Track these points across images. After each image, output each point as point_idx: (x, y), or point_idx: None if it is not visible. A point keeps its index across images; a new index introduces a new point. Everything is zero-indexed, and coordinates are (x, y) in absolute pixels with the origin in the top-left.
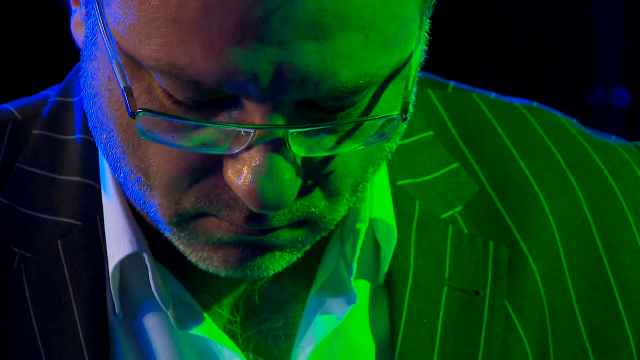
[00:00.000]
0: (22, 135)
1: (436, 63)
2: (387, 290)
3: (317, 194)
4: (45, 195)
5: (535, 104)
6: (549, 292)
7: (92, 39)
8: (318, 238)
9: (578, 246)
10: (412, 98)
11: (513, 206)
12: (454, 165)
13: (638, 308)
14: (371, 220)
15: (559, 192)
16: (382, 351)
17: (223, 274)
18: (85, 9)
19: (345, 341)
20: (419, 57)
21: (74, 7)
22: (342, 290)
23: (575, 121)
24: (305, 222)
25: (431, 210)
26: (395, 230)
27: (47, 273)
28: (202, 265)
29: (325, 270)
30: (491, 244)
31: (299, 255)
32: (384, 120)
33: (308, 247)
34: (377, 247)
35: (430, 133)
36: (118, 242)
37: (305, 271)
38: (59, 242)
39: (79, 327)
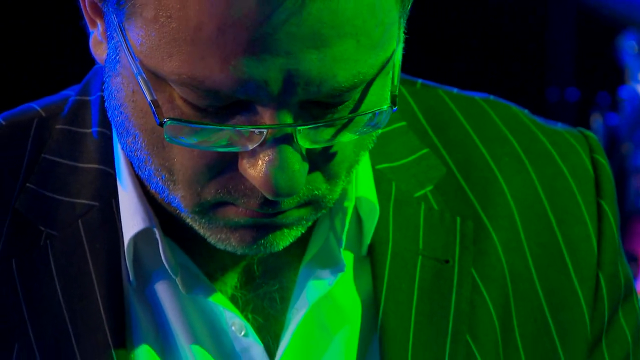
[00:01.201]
0: (46, 130)
1: (408, 62)
2: (370, 260)
3: (319, 177)
4: (67, 180)
5: (492, 97)
6: (509, 260)
7: (115, 57)
8: (319, 214)
9: (533, 219)
10: (397, 91)
11: (476, 186)
12: (424, 151)
13: (586, 272)
14: (356, 199)
15: (514, 173)
16: (366, 312)
17: (239, 251)
18: (107, 32)
19: (333, 303)
20: (399, 54)
21: (91, 29)
22: (331, 260)
23: (526, 111)
24: (310, 203)
25: (406, 189)
26: (378, 207)
27: (70, 247)
28: (221, 245)
29: (316, 242)
30: (458, 219)
31: (303, 231)
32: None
33: (310, 223)
34: (359, 222)
35: (403, 123)
36: (131, 219)
37: (297, 243)
38: (79, 220)
39: (98, 294)
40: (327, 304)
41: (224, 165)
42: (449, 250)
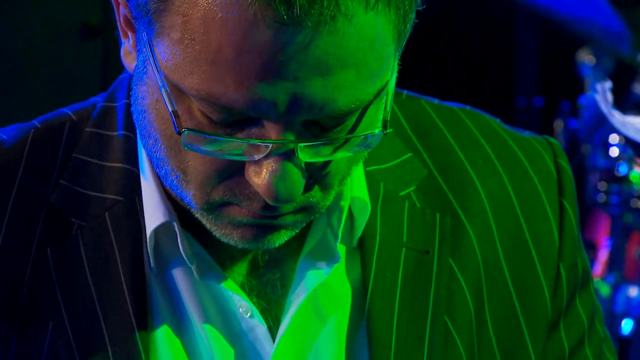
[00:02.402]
0: (77, 132)
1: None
2: (360, 251)
3: (315, 187)
4: (95, 177)
5: (468, 107)
6: (482, 251)
7: (143, 68)
8: (312, 218)
9: (503, 215)
10: (389, 116)
11: (454, 186)
12: (408, 155)
13: (549, 262)
14: (351, 199)
15: (488, 175)
16: (356, 297)
17: (240, 246)
18: (137, 45)
19: (328, 290)
20: (393, 83)
21: (123, 40)
22: (328, 252)
23: (498, 120)
24: (305, 208)
25: (392, 189)
26: (369, 205)
27: (98, 237)
28: (224, 239)
29: (314, 237)
30: (437, 215)
31: (297, 231)
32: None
33: (304, 224)
34: (351, 217)
35: (390, 130)
36: (153, 213)
37: (296, 237)
38: (106, 213)
39: (122, 278)
40: (323, 291)
41: (232, 171)
42: (429, 243)
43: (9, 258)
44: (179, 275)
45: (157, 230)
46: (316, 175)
